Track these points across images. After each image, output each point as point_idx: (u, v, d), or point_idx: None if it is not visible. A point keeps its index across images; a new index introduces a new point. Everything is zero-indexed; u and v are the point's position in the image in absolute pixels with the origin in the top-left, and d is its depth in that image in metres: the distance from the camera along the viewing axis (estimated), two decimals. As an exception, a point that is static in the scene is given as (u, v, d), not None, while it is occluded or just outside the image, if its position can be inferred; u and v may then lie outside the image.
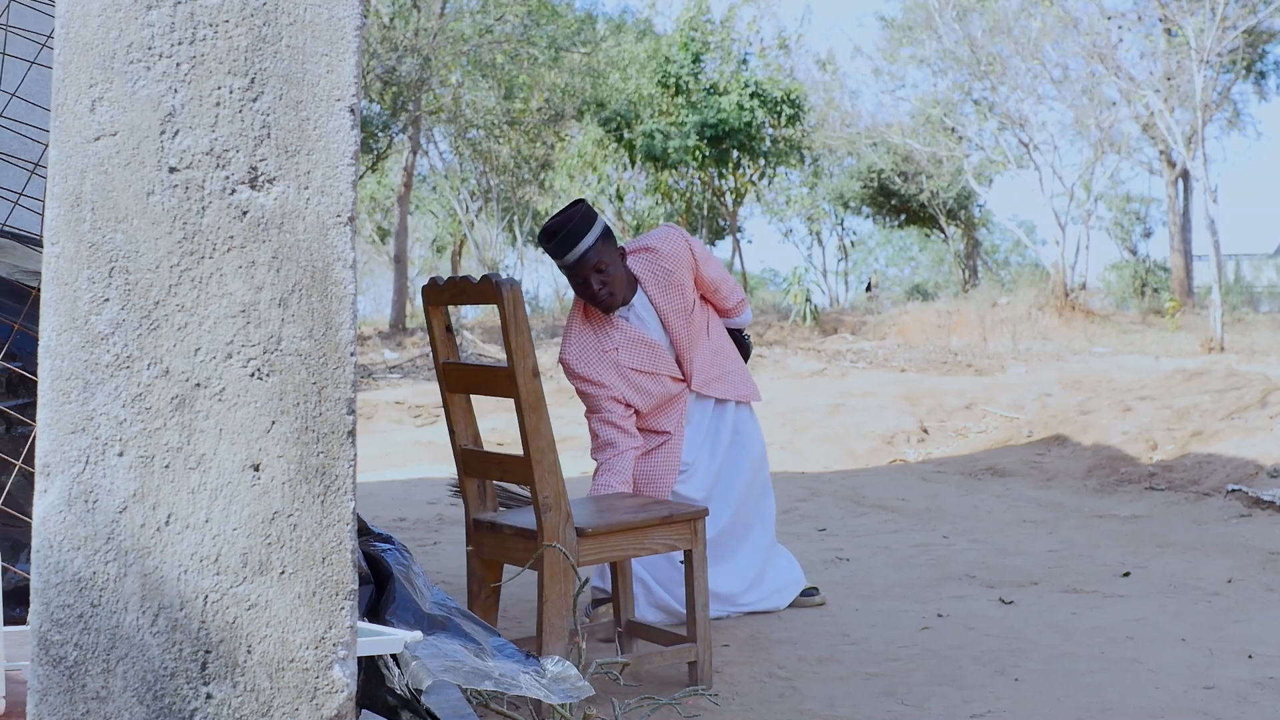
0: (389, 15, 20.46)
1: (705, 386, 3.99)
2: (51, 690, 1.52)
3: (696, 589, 3.23)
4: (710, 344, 4.03)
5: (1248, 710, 2.92)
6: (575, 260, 3.69)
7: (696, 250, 3.92)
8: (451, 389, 3.27)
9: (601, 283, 3.72)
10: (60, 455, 1.53)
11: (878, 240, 40.30)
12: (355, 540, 1.57)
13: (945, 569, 4.66)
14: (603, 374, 3.82)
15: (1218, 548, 4.91)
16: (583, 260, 3.69)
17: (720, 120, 21.24)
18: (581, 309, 3.88)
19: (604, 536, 3.10)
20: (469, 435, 3.29)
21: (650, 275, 3.86)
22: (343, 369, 1.58)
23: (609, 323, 3.84)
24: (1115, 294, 22.94)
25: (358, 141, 1.60)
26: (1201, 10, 16.95)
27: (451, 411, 3.28)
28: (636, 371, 3.85)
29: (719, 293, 4.05)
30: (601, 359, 3.82)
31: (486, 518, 3.24)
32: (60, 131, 1.56)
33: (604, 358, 3.82)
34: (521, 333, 2.97)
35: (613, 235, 3.78)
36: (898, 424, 9.00)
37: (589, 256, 3.69)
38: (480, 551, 3.25)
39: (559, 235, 3.69)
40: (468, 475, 3.28)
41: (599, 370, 3.82)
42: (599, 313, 3.83)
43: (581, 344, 3.84)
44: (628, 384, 3.84)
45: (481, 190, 26.37)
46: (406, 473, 7.73)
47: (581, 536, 3.05)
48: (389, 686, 2.29)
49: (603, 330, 3.84)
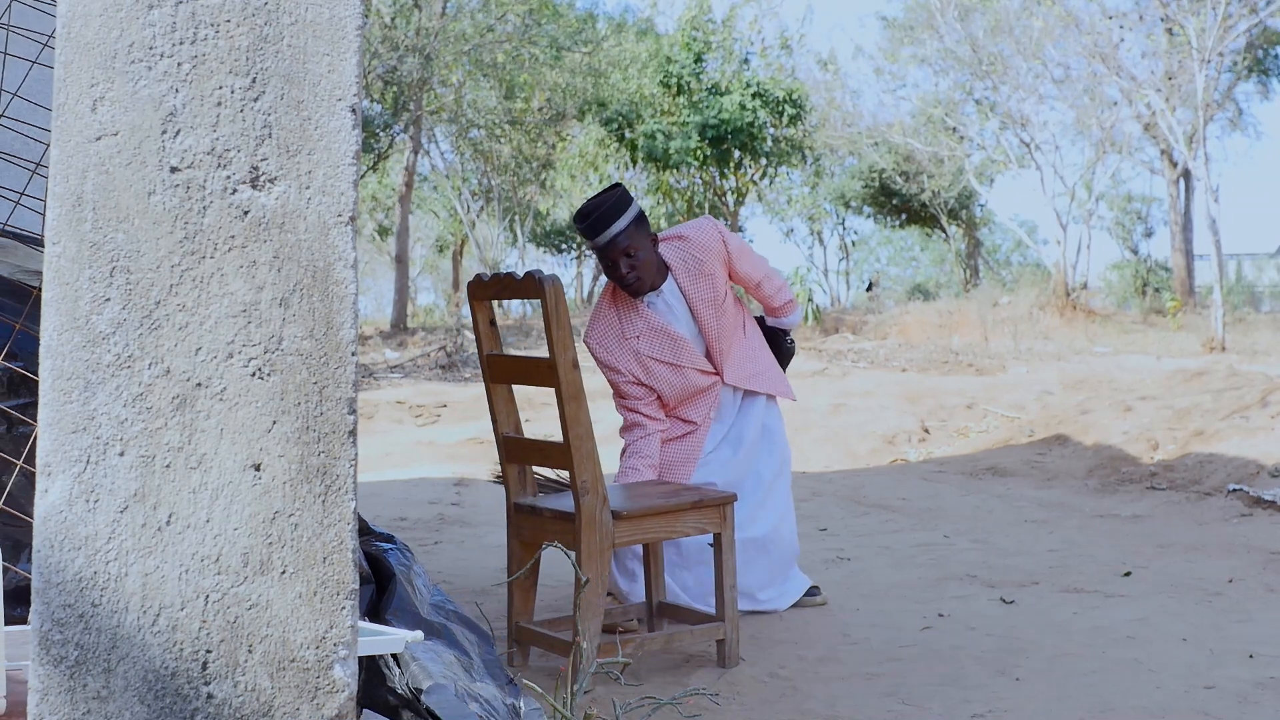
0: (390, 15, 20.46)
1: (737, 380, 4.01)
2: (52, 690, 1.52)
3: (725, 571, 3.38)
4: (746, 342, 4.05)
5: (1249, 710, 2.92)
6: (606, 243, 3.74)
7: (731, 244, 3.92)
8: (495, 379, 3.44)
9: (630, 266, 3.75)
10: (61, 455, 1.53)
11: (879, 240, 40.30)
12: (356, 540, 1.57)
13: (946, 569, 4.66)
14: (620, 360, 3.86)
15: (1219, 548, 4.91)
16: (613, 243, 3.73)
17: (722, 120, 21.24)
18: (610, 293, 3.92)
19: (638, 519, 3.27)
20: (510, 424, 3.46)
21: (681, 263, 3.88)
22: (344, 368, 1.58)
23: (634, 310, 3.87)
24: (1116, 294, 22.95)
25: (359, 141, 1.60)
26: (1203, 10, 16.94)
27: (494, 401, 3.45)
28: (656, 361, 3.86)
29: (762, 289, 4.07)
30: (621, 345, 3.86)
31: (526, 502, 3.41)
32: (61, 131, 1.56)
33: (624, 345, 3.86)
34: (562, 326, 3.13)
35: (646, 221, 3.82)
36: (899, 424, 9.00)
37: (619, 240, 3.73)
38: (520, 534, 3.42)
39: (592, 217, 3.74)
40: (509, 461, 3.45)
41: (617, 356, 3.86)
42: (626, 298, 3.87)
43: (604, 329, 3.89)
44: (646, 372, 3.87)
45: (483, 190, 26.38)
46: (407, 472, 7.73)
47: (617, 519, 3.21)
48: (390, 686, 2.29)
49: (627, 317, 3.87)
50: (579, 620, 2.94)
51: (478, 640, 2.60)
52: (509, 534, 3.46)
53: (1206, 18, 16.74)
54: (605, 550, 3.19)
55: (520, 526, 3.42)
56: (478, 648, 2.57)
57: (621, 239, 3.73)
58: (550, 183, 24.91)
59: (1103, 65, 19.60)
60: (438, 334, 18.71)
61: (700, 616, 3.50)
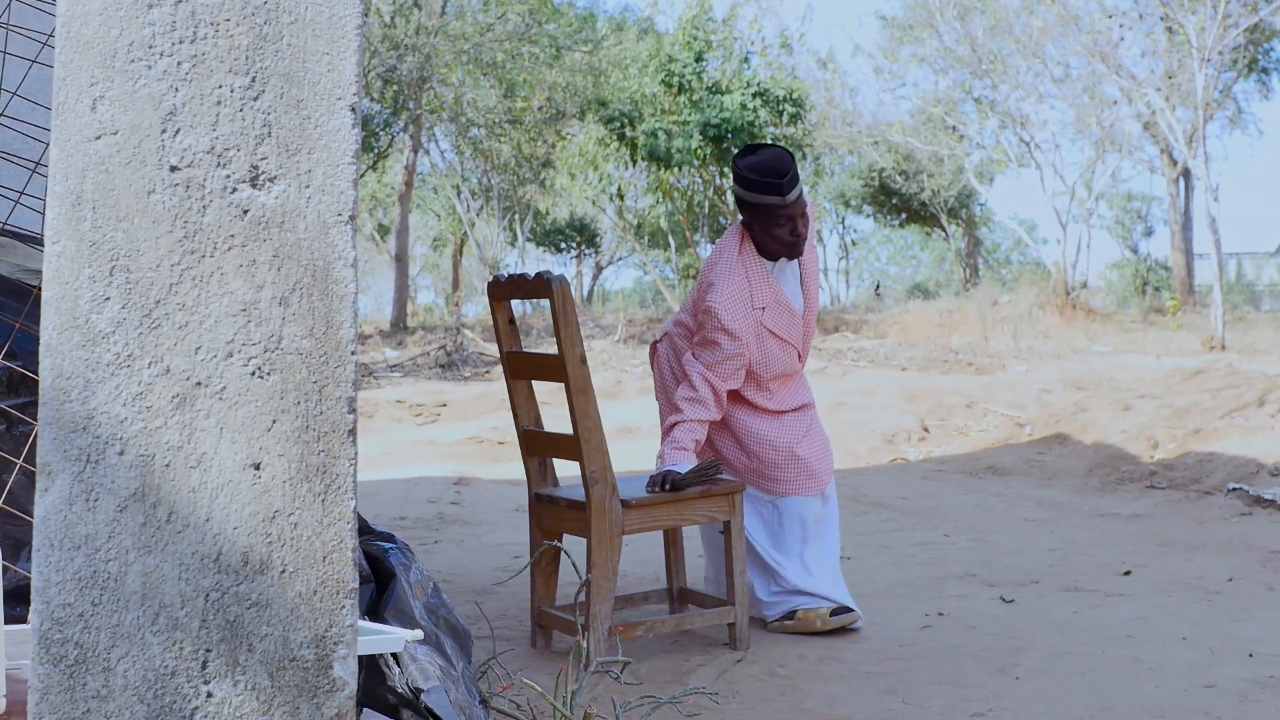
0: (390, 14, 20.46)
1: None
2: (52, 689, 1.52)
3: (735, 556, 3.48)
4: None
5: (1248, 709, 2.92)
6: (795, 199, 3.55)
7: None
8: (514, 375, 3.56)
9: (805, 226, 3.60)
10: (61, 454, 1.53)
11: (879, 239, 40.33)
12: (356, 539, 1.57)
13: (946, 568, 4.66)
14: (744, 328, 3.58)
15: (1218, 546, 4.91)
16: (800, 200, 3.57)
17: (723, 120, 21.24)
18: (738, 255, 3.63)
19: (647, 508, 3.39)
20: (530, 417, 3.58)
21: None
22: (343, 367, 1.58)
23: (764, 279, 3.63)
24: (1116, 293, 22.96)
25: (359, 140, 1.60)
26: (1202, 8, 16.94)
27: (514, 396, 3.58)
28: (773, 336, 3.64)
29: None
30: (748, 315, 3.59)
31: (545, 492, 3.55)
32: (61, 130, 1.56)
33: (750, 315, 3.60)
34: (570, 324, 3.25)
35: None
36: (898, 423, 9.00)
37: (804, 198, 3.60)
38: (540, 523, 3.56)
39: (789, 174, 3.53)
40: (529, 454, 3.58)
41: (743, 325, 3.57)
42: (757, 266, 3.62)
43: (736, 295, 3.58)
44: (760, 348, 3.63)
45: (482, 189, 26.38)
46: (407, 471, 7.73)
47: (626, 508, 3.33)
48: (389, 685, 2.29)
49: (757, 285, 3.62)
50: (579, 615, 2.95)
51: (458, 653, 2.61)
52: (530, 522, 3.60)
53: (1206, 16, 16.74)
54: (615, 537, 3.31)
55: (540, 515, 3.56)
56: (459, 660, 2.58)
57: (804, 198, 3.60)
58: (550, 182, 24.90)
59: (1102, 64, 19.61)
60: (437, 333, 18.72)
61: (715, 602, 3.62)
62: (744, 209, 3.61)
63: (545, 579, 3.56)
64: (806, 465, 3.72)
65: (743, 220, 3.66)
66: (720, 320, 3.55)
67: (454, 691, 2.34)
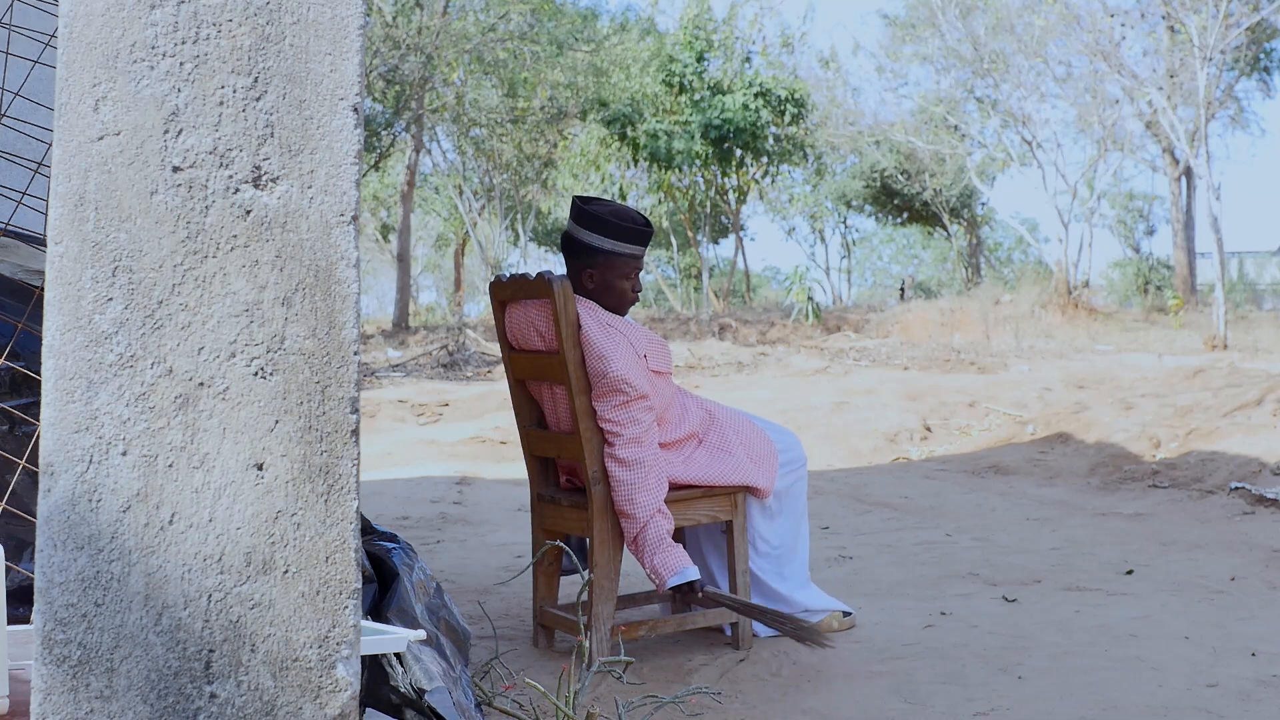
0: (392, 14, 20.47)
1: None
2: (55, 689, 1.52)
3: (737, 557, 3.48)
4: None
5: (1251, 708, 2.92)
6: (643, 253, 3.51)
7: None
8: (517, 375, 3.57)
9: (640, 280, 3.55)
10: (64, 454, 1.53)
11: (881, 238, 40.32)
12: (359, 539, 1.58)
13: (948, 567, 4.66)
14: (646, 383, 3.32)
15: (1221, 545, 4.91)
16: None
17: (725, 120, 21.24)
18: (599, 323, 3.34)
19: None
20: (532, 418, 3.59)
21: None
22: (346, 368, 1.58)
23: (628, 327, 3.39)
24: (1118, 291, 22.96)
25: (361, 140, 1.60)
26: (1204, 7, 16.92)
27: (516, 396, 3.59)
28: (660, 375, 3.42)
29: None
30: (642, 366, 3.34)
31: (547, 492, 3.56)
32: (64, 131, 1.56)
33: (642, 364, 3.34)
34: (570, 324, 3.24)
35: None
36: (901, 422, 9.00)
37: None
38: (543, 523, 3.57)
39: (650, 228, 3.44)
40: (532, 454, 3.60)
41: (644, 380, 3.32)
42: (615, 320, 3.38)
43: (627, 355, 3.30)
44: (654, 391, 3.37)
45: (484, 189, 26.38)
46: (409, 471, 7.73)
47: None
48: (393, 685, 2.29)
49: (629, 335, 3.37)
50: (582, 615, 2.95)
51: (457, 658, 2.61)
52: (533, 522, 3.61)
53: (1208, 15, 16.73)
54: (617, 537, 3.32)
55: (542, 515, 3.57)
56: (458, 664, 2.58)
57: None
58: (552, 182, 24.90)
59: (1104, 63, 19.60)
60: (439, 333, 18.72)
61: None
62: (592, 257, 3.37)
63: (548, 580, 3.57)
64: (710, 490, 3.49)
65: (573, 275, 3.40)
66: (636, 387, 3.26)
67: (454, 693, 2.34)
